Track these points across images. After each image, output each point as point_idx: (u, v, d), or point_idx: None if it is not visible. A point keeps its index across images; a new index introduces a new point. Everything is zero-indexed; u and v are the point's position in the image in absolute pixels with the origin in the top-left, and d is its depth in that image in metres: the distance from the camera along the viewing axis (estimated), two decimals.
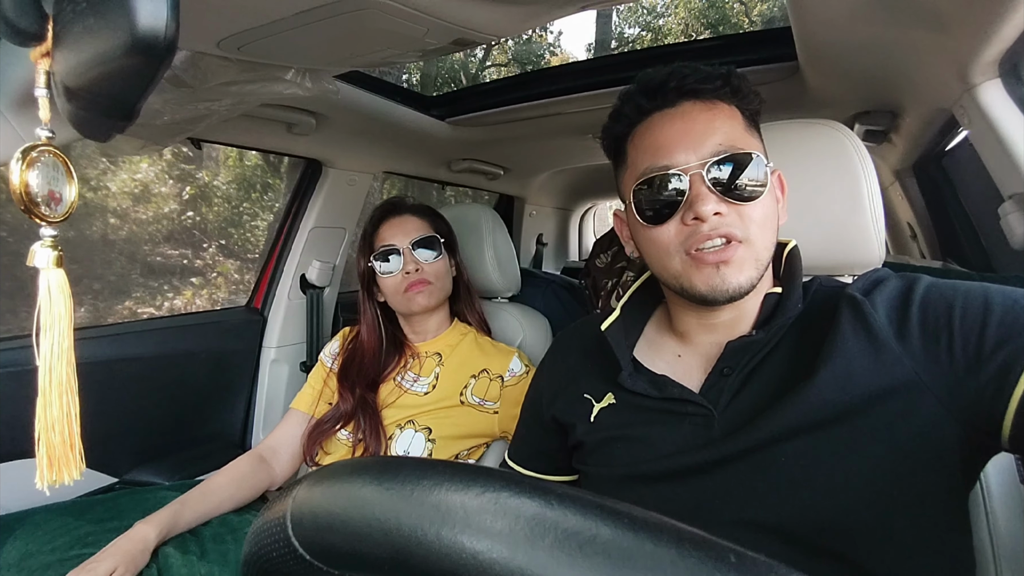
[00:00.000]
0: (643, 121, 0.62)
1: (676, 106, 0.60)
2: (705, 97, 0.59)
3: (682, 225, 0.57)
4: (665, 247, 0.59)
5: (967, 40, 0.72)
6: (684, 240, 0.57)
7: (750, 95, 0.61)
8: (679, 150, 0.57)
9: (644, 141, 0.61)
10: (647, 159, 0.60)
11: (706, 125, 0.58)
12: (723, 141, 0.57)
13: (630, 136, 0.63)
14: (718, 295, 0.56)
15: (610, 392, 0.66)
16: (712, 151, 0.57)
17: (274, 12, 0.66)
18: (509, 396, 1.06)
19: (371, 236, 1.13)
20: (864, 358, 0.52)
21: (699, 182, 0.56)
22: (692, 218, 0.56)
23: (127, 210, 3.66)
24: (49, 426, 0.43)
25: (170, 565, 0.82)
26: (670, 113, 0.60)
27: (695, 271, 0.57)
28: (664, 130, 0.59)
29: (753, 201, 0.57)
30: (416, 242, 1.09)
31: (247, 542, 0.26)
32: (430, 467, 0.23)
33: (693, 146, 0.57)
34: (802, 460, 0.52)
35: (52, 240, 0.42)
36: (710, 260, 0.56)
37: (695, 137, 0.57)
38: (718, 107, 0.59)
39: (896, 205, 1.61)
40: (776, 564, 0.18)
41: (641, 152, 0.61)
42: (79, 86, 0.37)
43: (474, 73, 8.96)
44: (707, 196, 0.55)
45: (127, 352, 1.23)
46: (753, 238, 0.57)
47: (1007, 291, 0.51)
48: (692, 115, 0.59)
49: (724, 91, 0.59)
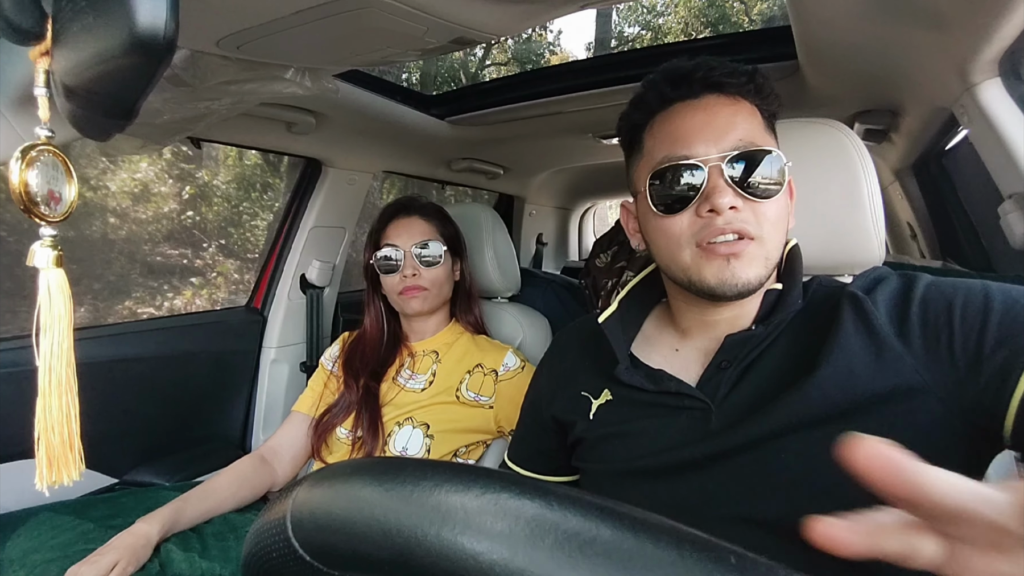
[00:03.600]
0: (665, 110, 0.61)
1: (700, 98, 0.59)
2: (729, 92, 0.59)
3: (696, 217, 0.57)
4: (676, 238, 0.58)
5: (967, 39, 0.72)
6: (697, 232, 0.57)
7: (771, 96, 0.61)
8: (699, 141, 0.57)
9: (664, 130, 0.60)
10: (665, 148, 0.59)
11: (728, 119, 0.58)
12: (743, 137, 0.57)
13: (649, 124, 0.63)
14: (727, 289, 0.56)
15: (608, 388, 0.66)
16: (732, 145, 0.56)
17: (273, 11, 0.65)
18: (503, 391, 1.07)
19: (378, 233, 1.14)
20: (865, 356, 0.52)
21: (717, 175, 0.56)
22: (707, 210, 0.56)
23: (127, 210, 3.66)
24: (49, 426, 0.43)
25: (172, 560, 0.82)
26: (693, 104, 0.59)
27: (705, 263, 0.57)
28: (685, 120, 0.59)
29: (769, 199, 0.57)
30: (418, 245, 1.10)
31: (247, 542, 0.26)
32: (430, 468, 0.23)
33: (714, 139, 0.57)
34: (801, 456, 0.52)
35: (52, 240, 0.42)
36: (721, 252, 0.56)
37: (716, 130, 0.57)
38: (740, 103, 0.59)
39: (896, 204, 1.61)
40: (776, 565, 0.18)
41: (660, 141, 0.60)
42: (78, 85, 0.37)
43: (474, 72, 8.96)
44: (724, 189, 0.55)
45: (127, 352, 1.22)
46: (765, 236, 0.57)
47: (1007, 289, 0.51)
48: (715, 108, 0.58)
49: (748, 88, 0.59)
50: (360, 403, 1.05)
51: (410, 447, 1.02)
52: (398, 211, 1.15)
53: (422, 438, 1.02)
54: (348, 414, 1.07)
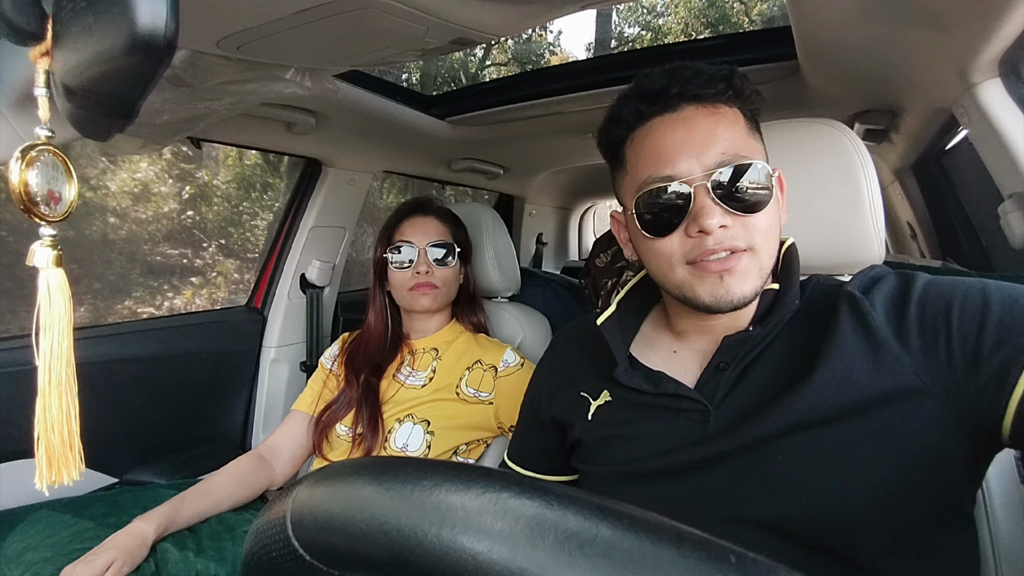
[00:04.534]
0: (643, 125, 0.60)
1: (678, 110, 0.58)
2: (707, 101, 0.58)
3: (686, 237, 0.56)
4: (668, 258, 0.58)
5: (967, 40, 0.72)
6: (688, 251, 0.56)
7: (752, 96, 0.60)
8: (682, 158, 0.56)
9: (644, 147, 0.59)
10: (648, 167, 0.58)
11: (709, 132, 0.56)
12: (726, 149, 0.56)
13: (629, 140, 0.62)
14: (722, 305, 0.56)
15: (606, 389, 0.66)
16: (716, 160, 0.55)
17: (274, 11, 0.65)
18: (503, 387, 1.07)
19: (392, 229, 1.16)
20: (863, 358, 0.52)
21: (703, 194, 0.55)
22: (697, 231, 0.55)
23: (127, 209, 3.66)
24: (49, 426, 0.43)
25: (167, 560, 0.83)
26: (671, 118, 0.58)
27: (699, 281, 0.56)
28: (665, 137, 0.58)
29: (758, 211, 0.56)
30: (433, 245, 1.12)
31: (247, 541, 0.26)
32: (430, 467, 0.23)
33: (696, 154, 0.56)
34: (799, 458, 0.52)
35: (52, 239, 0.42)
36: (713, 269, 0.55)
37: (698, 145, 0.56)
38: (720, 111, 0.58)
39: (896, 204, 1.61)
40: (777, 565, 0.18)
41: (642, 159, 0.59)
42: (78, 85, 0.37)
43: (474, 72, 8.96)
44: (712, 209, 0.54)
45: (127, 352, 1.22)
46: (758, 247, 0.56)
47: (1006, 289, 0.51)
48: (694, 121, 0.57)
49: (727, 94, 0.58)
50: (361, 399, 1.06)
51: (411, 444, 1.02)
52: (414, 209, 1.17)
53: (422, 434, 1.03)
54: (349, 410, 1.07)
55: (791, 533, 0.51)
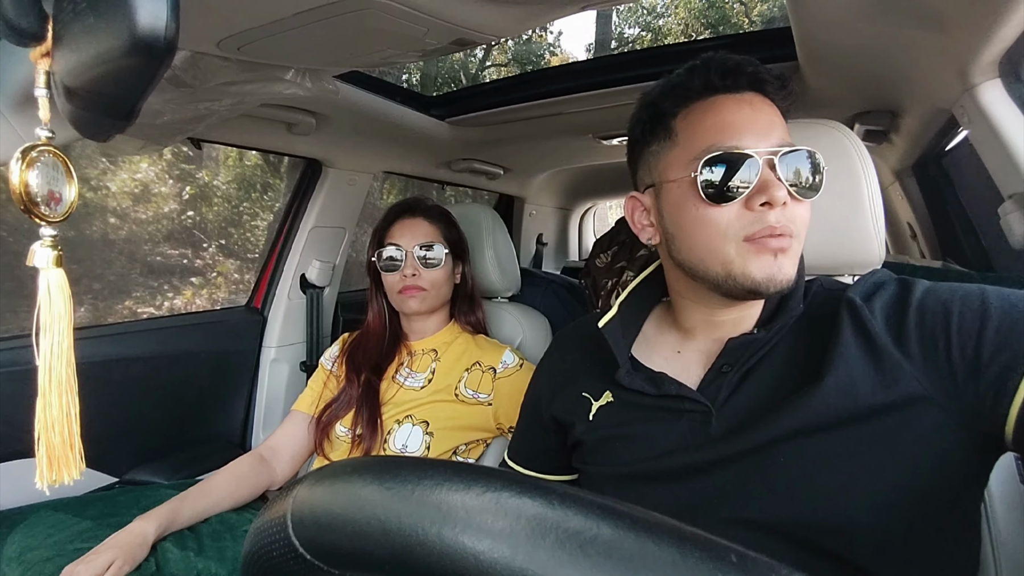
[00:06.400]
0: (705, 99, 0.59)
1: (742, 93, 0.58)
2: (768, 93, 0.59)
3: (745, 210, 0.55)
4: (722, 230, 0.56)
5: (967, 40, 0.72)
6: (746, 225, 0.55)
7: (790, 108, 0.61)
8: (749, 134, 0.56)
9: (706, 120, 0.58)
10: (710, 138, 0.57)
11: (770, 119, 0.57)
12: (783, 138, 0.57)
13: (684, 113, 0.60)
14: (771, 284, 0.55)
15: (608, 390, 0.66)
16: (777, 144, 0.56)
17: (274, 12, 0.66)
18: (502, 388, 1.07)
19: (382, 231, 1.16)
20: (865, 365, 0.52)
21: (770, 169, 0.55)
22: (761, 203, 0.54)
23: (127, 210, 3.66)
24: (49, 426, 0.43)
25: (168, 560, 0.83)
26: (735, 98, 0.58)
27: (754, 257, 0.55)
28: (732, 113, 0.57)
29: (808, 200, 0.57)
30: (421, 246, 1.11)
31: (247, 541, 0.26)
32: (431, 467, 0.23)
33: (762, 134, 0.56)
34: (801, 462, 0.52)
35: (52, 240, 0.42)
36: (772, 247, 0.54)
37: (763, 126, 0.56)
38: (774, 107, 0.59)
39: (896, 205, 1.61)
40: (777, 564, 0.18)
41: (703, 130, 0.58)
42: (79, 86, 0.37)
43: (474, 73, 8.96)
44: (779, 184, 0.54)
45: (127, 352, 1.23)
46: (800, 237, 0.56)
47: (1005, 294, 0.51)
48: (758, 105, 0.58)
49: (782, 93, 0.59)
50: (361, 398, 1.06)
51: (410, 444, 1.02)
52: (403, 211, 1.16)
53: (422, 435, 1.03)
54: (349, 408, 1.07)
55: (792, 536, 0.51)
